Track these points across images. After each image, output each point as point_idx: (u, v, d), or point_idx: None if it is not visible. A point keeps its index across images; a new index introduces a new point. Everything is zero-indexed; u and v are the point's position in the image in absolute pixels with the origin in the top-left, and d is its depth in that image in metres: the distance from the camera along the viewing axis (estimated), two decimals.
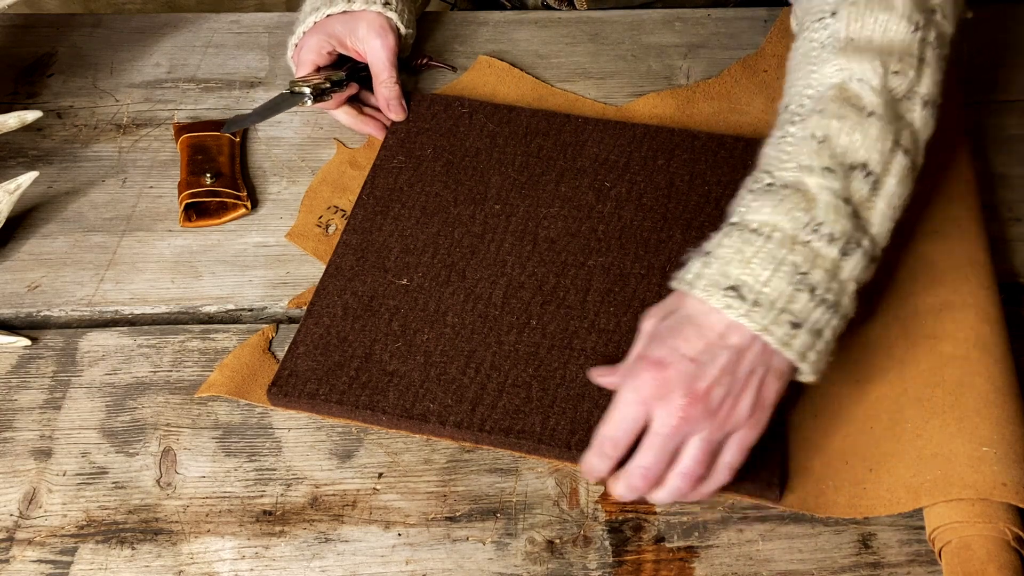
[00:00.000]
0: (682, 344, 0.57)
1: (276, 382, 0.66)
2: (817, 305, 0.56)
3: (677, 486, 0.57)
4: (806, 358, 0.57)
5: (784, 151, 0.60)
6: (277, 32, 0.96)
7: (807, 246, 0.57)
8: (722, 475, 0.58)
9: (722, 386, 0.56)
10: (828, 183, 0.58)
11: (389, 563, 0.59)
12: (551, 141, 0.82)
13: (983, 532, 0.56)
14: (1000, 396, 0.60)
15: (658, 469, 0.57)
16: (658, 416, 0.56)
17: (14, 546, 0.60)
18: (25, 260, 0.77)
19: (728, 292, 0.56)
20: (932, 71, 0.62)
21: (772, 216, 0.57)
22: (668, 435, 0.56)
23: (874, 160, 0.59)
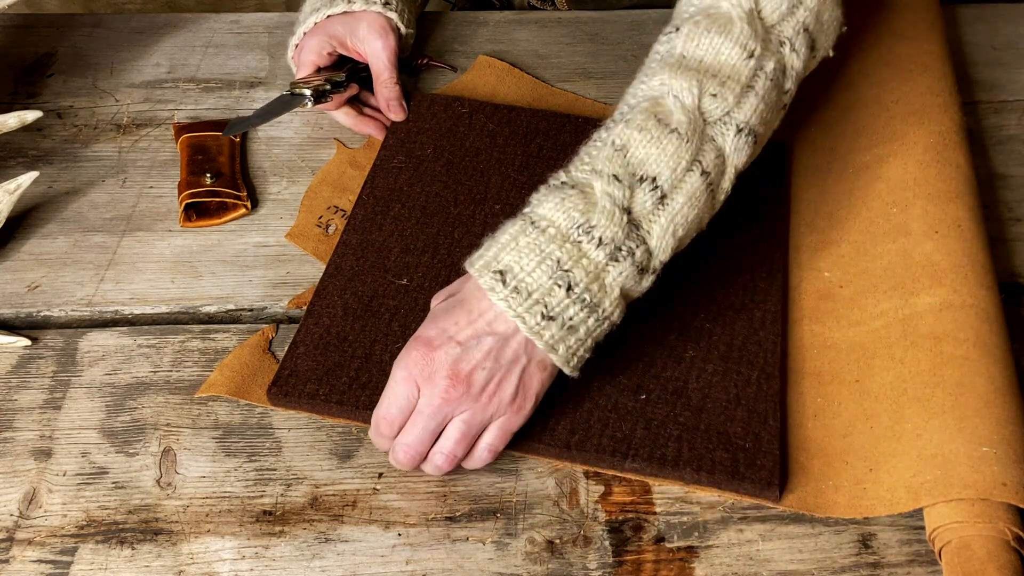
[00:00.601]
0: (451, 327, 0.60)
1: (276, 382, 0.66)
2: (574, 303, 0.58)
3: (436, 464, 0.61)
4: (556, 351, 0.59)
5: (588, 153, 0.62)
6: (277, 32, 0.96)
7: (576, 245, 0.59)
8: (483, 455, 0.61)
9: (484, 370, 0.59)
10: (611, 190, 0.59)
11: (389, 563, 0.59)
12: (551, 141, 0.82)
13: (983, 532, 0.56)
14: (1000, 396, 0.60)
15: (420, 446, 0.60)
16: (423, 395, 0.60)
17: (14, 546, 0.60)
18: (25, 260, 0.77)
19: (495, 275, 0.59)
20: (758, 100, 0.63)
21: (551, 211, 0.60)
22: (430, 414, 0.59)
23: (664, 175, 0.60)
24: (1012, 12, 0.97)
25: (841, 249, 0.73)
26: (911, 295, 0.67)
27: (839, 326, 0.69)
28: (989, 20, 0.96)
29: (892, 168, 0.75)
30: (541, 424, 0.63)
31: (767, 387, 0.65)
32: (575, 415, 0.64)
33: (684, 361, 0.67)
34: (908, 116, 0.78)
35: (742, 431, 0.63)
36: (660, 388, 0.65)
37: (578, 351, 0.60)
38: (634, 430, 0.63)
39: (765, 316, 0.69)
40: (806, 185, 0.79)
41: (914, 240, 0.70)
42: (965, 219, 0.71)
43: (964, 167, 0.75)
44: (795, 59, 0.65)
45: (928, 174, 0.74)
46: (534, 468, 0.64)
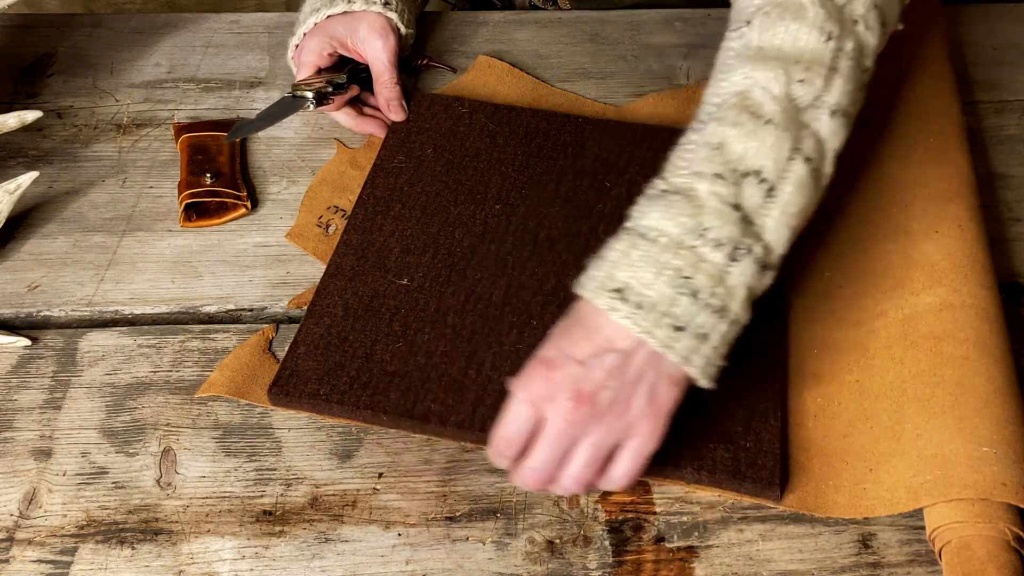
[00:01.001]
0: (570, 346, 0.57)
1: (277, 382, 0.66)
2: (702, 309, 0.56)
3: (566, 487, 0.58)
4: (691, 362, 0.56)
5: (682, 158, 0.60)
6: (277, 32, 0.96)
7: (692, 251, 0.57)
8: (617, 482, 0.58)
9: (609, 390, 0.56)
10: (717, 189, 0.58)
11: (389, 563, 0.59)
12: (551, 141, 0.82)
13: (983, 532, 0.56)
14: (1000, 396, 0.60)
15: (547, 470, 0.58)
16: (547, 418, 0.57)
17: (14, 546, 0.60)
18: (25, 260, 0.77)
19: (613, 294, 0.57)
20: (844, 80, 0.61)
21: (659, 220, 0.58)
22: (555, 436, 0.57)
23: (768, 167, 0.58)
24: (1012, 12, 0.97)
25: (841, 249, 0.73)
26: (911, 295, 0.67)
27: (839, 326, 0.69)
28: (989, 20, 0.96)
29: (892, 168, 0.75)
30: None
31: (768, 386, 0.65)
32: None
33: None
34: (908, 116, 0.78)
35: (743, 430, 0.63)
36: None
37: (714, 360, 0.57)
38: None
39: (765, 316, 0.69)
40: None
41: (914, 240, 0.70)
42: (965, 219, 0.71)
43: (964, 167, 0.75)
44: (870, 36, 0.64)
45: (928, 174, 0.74)
46: None
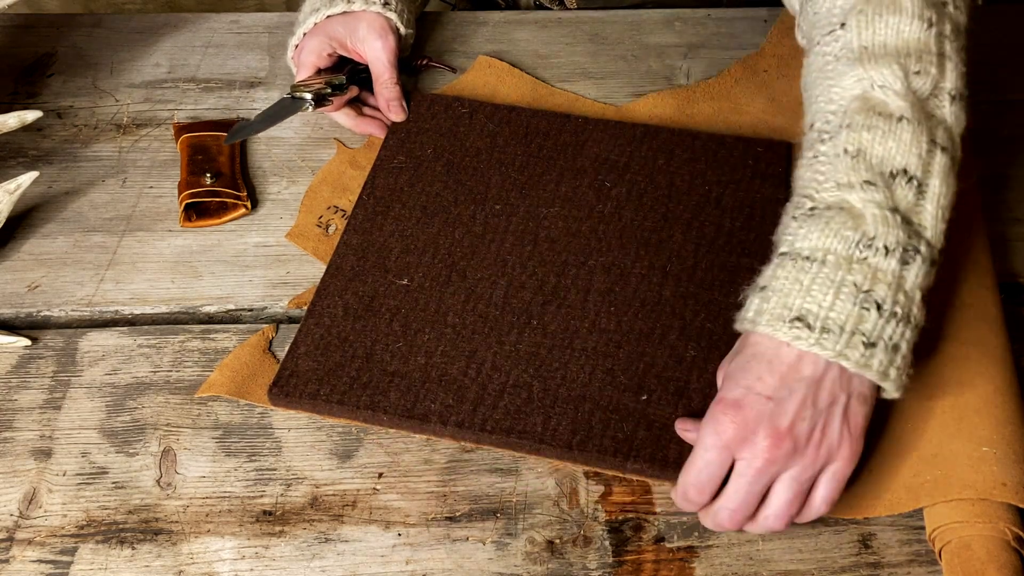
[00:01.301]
0: (756, 383, 0.56)
1: (277, 382, 0.66)
2: (888, 320, 0.55)
3: (769, 526, 0.57)
4: (888, 376, 0.55)
5: (820, 172, 0.59)
6: (277, 32, 0.96)
7: (864, 263, 0.55)
8: (819, 510, 0.57)
9: (805, 420, 0.55)
10: (871, 196, 0.56)
11: (389, 563, 0.59)
12: (551, 141, 0.82)
13: (983, 532, 0.56)
14: (1000, 396, 0.60)
15: (745, 510, 0.56)
16: (743, 458, 0.55)
17: (14, 546, 0.60)
18: (25, 260, 0.77)
19: (794, 323, 0.55)
20: (954, 64, 0.61)
21: (821, 240, 0.56)
22: (754, 478, 0.55)
23: (913, 164, 0.57)
24: (1012, 12, 0.97)
25: None
26: None
27: None
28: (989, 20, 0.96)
29: None
30: (542, 424, 0.63)
31: None
32: (576, 415, 0.64)
33: (685, 361, 0.67)
34: None
35: None
36: (662, 389, 0.65)
37: (904, 369, 0.56)
38: (636, 431, 0.63)
39: None
40: None
41: None
42: (965, 219, 0.71)
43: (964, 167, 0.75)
44: (960, 15, 0.63)
45: None
46: (534, 468, 0.64)
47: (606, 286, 0.71)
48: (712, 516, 0.57)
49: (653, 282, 0.71)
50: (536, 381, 0.66)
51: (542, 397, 0.65)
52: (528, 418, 0.64)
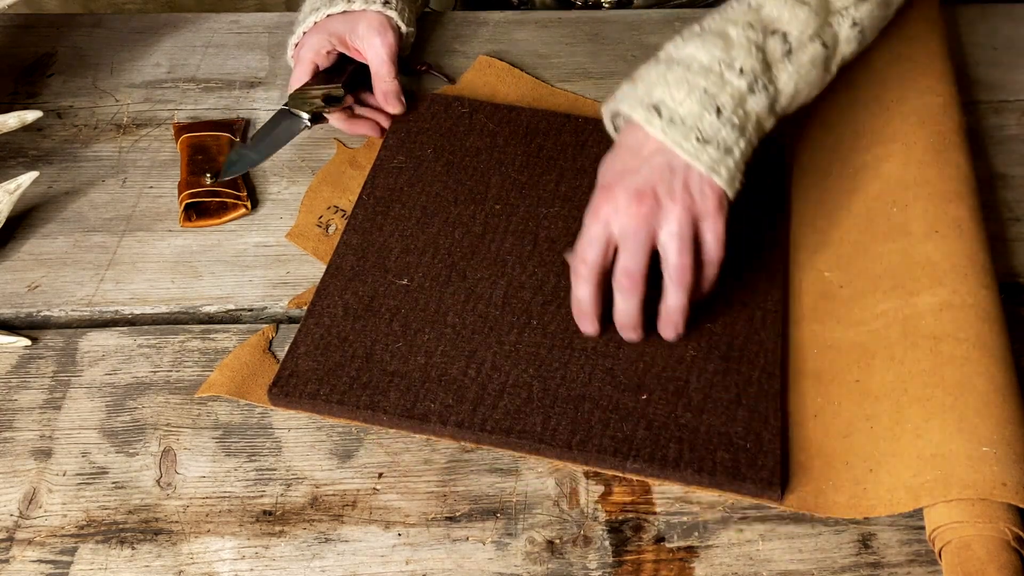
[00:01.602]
0: (619, 164, 0.65)
1: (277, 382, 0.66)
2: (724, 125, 0.64)
3: (676, 279, 0.64)
4: (718, 172, 0.64)
5: (722, 11, 0.69)
6: (277, 32, 0.96)
7: (719, 76, 0.65)
8: (715, 252, 0.65)
9: (664, 182, 0.64)
10: (748, 34, 0.67)
11: (389, 563, 0.59)
12: (551, 141, 0.82)
13: (983, 532, 0.56)
14: (1000, 396, 0.60)
15: (636, 266, 0.64)
16: (618, 225, 0.63)
17: (14, 546, 0.60)
18: (25, 260, 0.77)
19: (650, 109, 0.65)
20: (872, 7, 0.73)
21: (695, 51, 0.66)
22: (632, 235, 0.63)
23: (793, 34, 0.68)
24: (1012, 12, 0.97)
25: (841, 249, 0.73)
26: (911, 295, 0.67)
27: (839, 326, 0.69)
28: (989, 20, 0.96)
29: (892, 168, 0.75)
30: (542, 424, 0.63)
31: (768, 387, 0.65)
32: (576, 415, 0.64)
33: (685, 361, 0.67)
34: (908, 116, 0.78)
35: (743, 431, 0.63)
36: (661, 388, 0.65)
37: (736, 176, 0.65)
38: (635, 431, 0.63)
39: (765, 316, 0.69)
40: (806, 185, 0.79)
41: (914, 240, 0.70)
42: (965, 219, 0.71)
43: (964, 167, 0.75)
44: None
45: (928, 174, 0.74)
46: (534, 468, 0.64)
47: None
48: (615, 284, 0.65)
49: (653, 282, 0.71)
50: (536, 381, 0.66)
51: (542, 397, 0.65)
52: (528, 418, 0.64)
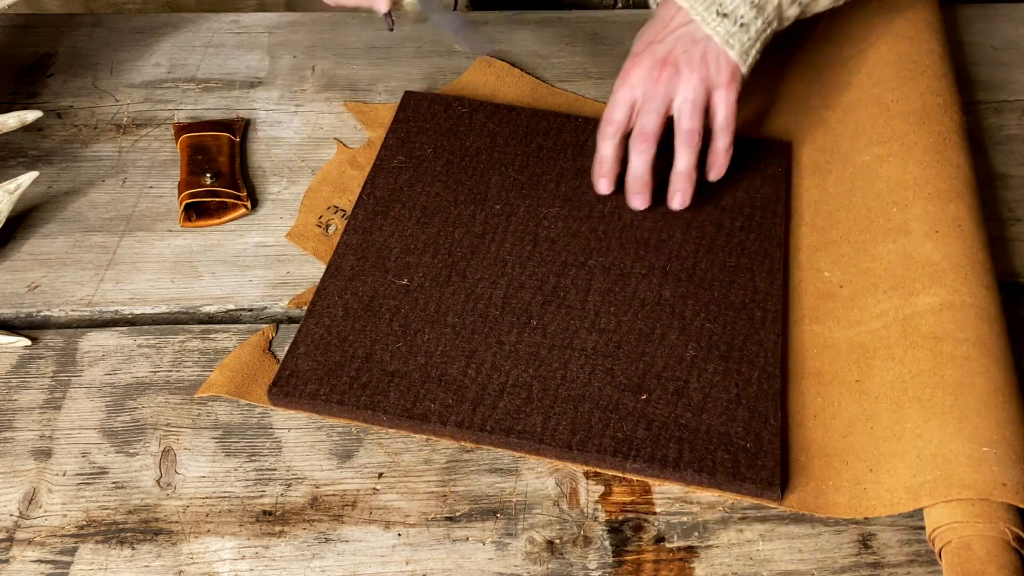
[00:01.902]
0: (648, 35, 0.74)
1: (276, 382, 0.66)
2: (743, 2, 0.71)
3: (685, 140, 0.72)
4: (732, 47, 0.71)
5: None
6: (277, 32, 0.97)
7: None
8: (726, 120, 0.72)
9: (684, 52, 0.71)
10: None
11: (389, 563, 0.59)
12: (551, 141, 0.82)
13: (983, 532, 0.56)
14: (1000, 396, 0.60)
15: (652, 127, 0.71)
16: (639, 87, 0.72)
17: (14, 546, 0.60)
18: (25, 260, 0.77)
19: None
20: None
21: None
22: (651, 98, 0.71)
23: None
24: (1012, 12, 0.97)
25: (841, 249, 0.73)
26: (911, 295, 0.67)
27: (839, 326, 0.69)
28: (989, 20, 0.96)
29: (892, 168, 0.75)
30: (542, 424, 0.63)
31: (768, 387, 0.65)
32: (576, 415, 0.64)
33: (685, 361, 0.67)
34: (908, 116, 0.78)
35: (743, 431, 0.63)
36: (661, 388, 0.65)
37: (750, 50, 0.72)
38: (635, 431, 0.63)
39: (765, 316, 0.69)
40: (807, 185, 0.79)
41: (914, 240, 0.70)
42: (965, 219, 0.71)
43: (964, 167, 0.75)
44: None
45: (928, 174, 0.74)
46: (534, 468, 0.64)
47: (606, 286, 0.71)
48: (632, 143, 0.72)
49: (653, 282, 0.71)
50: (536, 381, 0.66)
51: (542, 397, 0.65)
52: (528, 418, 0.64)
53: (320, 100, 0.89)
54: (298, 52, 0.94)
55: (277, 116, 0.88)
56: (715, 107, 0.73)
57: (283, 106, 0.89)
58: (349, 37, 0.96)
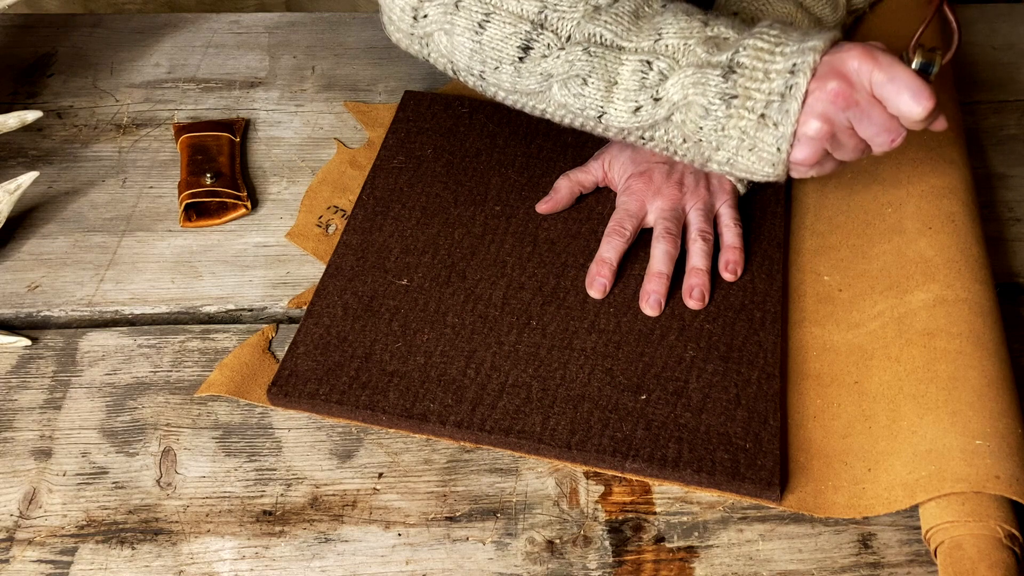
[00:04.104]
0: (653, 158, 0.75)
1: (276, 382, 0.66)
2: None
3: (698, 240, 0.72)
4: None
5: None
6: (277, 32, 0.97)
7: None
8: (732, 229, 0.74)
9: (690, 175, 0.75)
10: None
11: (389, 563, 0.59)
12: (551, 141, 0.82)
13: (974, 531, 0.56)
14: (993, 389, 0.60)
15: (675, 226, 0.72)
16: (655, 204, 0.74)
17: (14, 546, 0.60)
18: (25, 260, 0.77)
19: None
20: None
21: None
22: (669, 215, 0.73)
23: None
24: (1012, 12, 0.97)
25: (840, 254, 0.73)
26: (905, 293, 0.67)
27: (838, 329, 0.69)
28: (989, 20, 0.96)
29: (887, 168, 0.76)
30: (542, 424, 0.63)
31: (767, 387, 0.65)
32: (575, 415, 0.64)
33: (684, 361, 0.67)
34: None
35: (742, 431, 0.63)
36: (660, 388, 0.65)
37: None
38: (635, 430, 0.63)
39: (765, 317, 0.69)
40: (806, 190, 0.79)
41: (908, 238, 0.70)
42: (959, 214, 0.71)
43: (959, 163, 0.75)
44: None
45: (922, 171, 0.74)
46: (534, 468, 0.64)
47: None
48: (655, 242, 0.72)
49: None
50: (535, 381, 0.66)
51: (541, 397, 0.65)
52: (527, 418, 0.64)
53: (320, 100, 0.89)
54: (298, 52, 0.95)
55: (277, 116, 0.88)
56: (720, 214, 0.75)
57: (283, 106, 0.89)
58: (349, 37, 0.96)
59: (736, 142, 0.64)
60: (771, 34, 0.64)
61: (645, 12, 0.67)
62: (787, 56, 0.62)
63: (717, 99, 0.63)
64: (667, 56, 0.65)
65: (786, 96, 0.62)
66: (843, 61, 0.61)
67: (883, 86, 0.60)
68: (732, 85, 0.63)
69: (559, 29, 0.67)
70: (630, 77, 0.66)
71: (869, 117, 0.61)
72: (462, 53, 0.69)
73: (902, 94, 0.59)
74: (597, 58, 0.66)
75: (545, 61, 0.67)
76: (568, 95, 0.67)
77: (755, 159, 0.65)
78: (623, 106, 0.66)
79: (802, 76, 0.61)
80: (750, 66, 0.63)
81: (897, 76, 0.60)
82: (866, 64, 0.60)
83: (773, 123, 0.63)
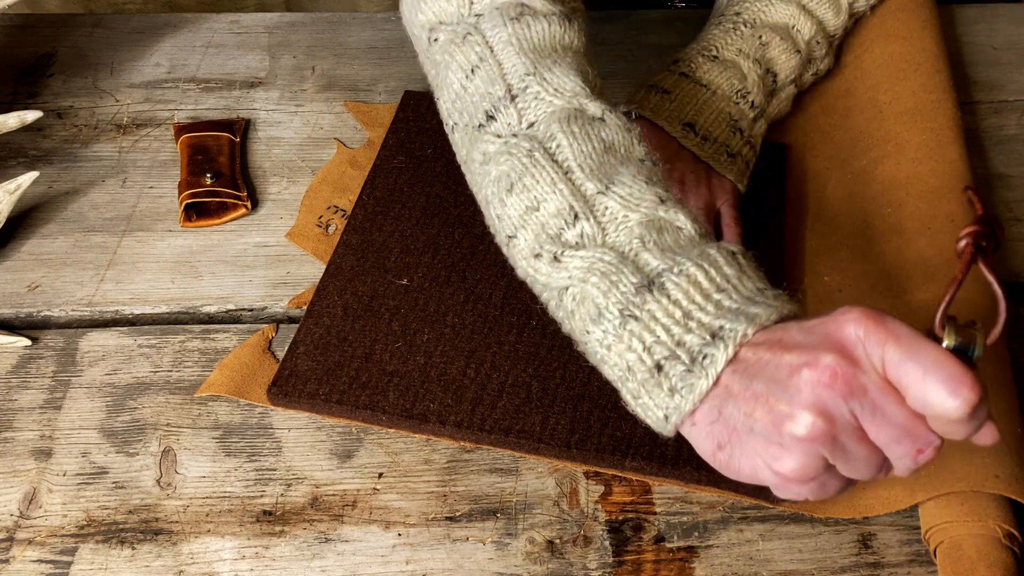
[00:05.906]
0: None
1: (276, 382, 0.66)
2: (744, 144, 0.76)
3: None
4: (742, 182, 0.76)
5: (731, 38, 0.79)
6: (277, 32, 0.97)
7: (736, 105, 0.76)
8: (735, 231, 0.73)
9: (691, 172, 0.75)
10: (756, 69, 0.77)
11: (389, 563, 0.60)
12: None
13: (973, 531, 0.56)
14: (992, 389, 0.60)
15: None
16: None
17: (14, 546, 0.60)
18: (25, 260, 0.77)
19: (686, 128, 0.75)
20: (831, 59, 0.84)
21: (716, 77, 0.76)
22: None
23: (780, 76, 0.79)
24: (1012, 12, 0.97)
25: (840, 254, 0.73)
26: (905, 293, 0.67)
27: None
28: (989, 20, 0.96)
29: (886, 169, 0.76)
30: (541, 423, 0.63)
31: None
32: (575, 414, 0.64)
33: None
34: (901, 115, 0.78)
35: None
36: None
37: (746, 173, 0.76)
38: (634, 429, 0.63)
39: None
40: (806, 191, 0.79)
41: (907, 239, 0.70)
42: (959, 214, 0.71)
43: (958, 162, 0.75)
44: None
45: (921, 171, 0.74)
46: (534, 468, 0.64)
47: None
48: None
49: None
50: (535, 381, 0.66)
51: (541, 396, 0.65)
52: (527, 417, 0.64)
53: (320, 100, 0.89)
54: (298, 52, 0.95)
55: (277, 116, 0.88)
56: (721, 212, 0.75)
57: (283, 106, 0.89)
58: (349, 37, 0.96)
59: (620, 375, 0.49)
60: (723, 269, 0.48)
61: (617, 149, 0.54)
62: (721, 311, 0.47)
63: (616, 309, 0.49)
64: (598, 219, 0.51)
65: (696, 363, 0.46)
66: (839, 326, 0.44)
67: (901, 366, 0.42)
68: (640, 304, 0.48)
69: (526, 110, 0.56)
70: (552, 216, 0.52)
71: (883, 413, 0.43)
72: (447, 97, 0.60)
73: (930, 378, 0.42)
74: (537, 169, 0.53)
75: (496, 139, 0.55)
76: (493, 195, 0.54)
77: (639, 410, 0.50)
78: (530, 241, 0.53)
79: (721, 348, 0.46)
80: (673, 297, 0.48)
81: (921, 352, 0.42)
82: (874, 333, 0.43)
83: (669, 386, 0.47)
